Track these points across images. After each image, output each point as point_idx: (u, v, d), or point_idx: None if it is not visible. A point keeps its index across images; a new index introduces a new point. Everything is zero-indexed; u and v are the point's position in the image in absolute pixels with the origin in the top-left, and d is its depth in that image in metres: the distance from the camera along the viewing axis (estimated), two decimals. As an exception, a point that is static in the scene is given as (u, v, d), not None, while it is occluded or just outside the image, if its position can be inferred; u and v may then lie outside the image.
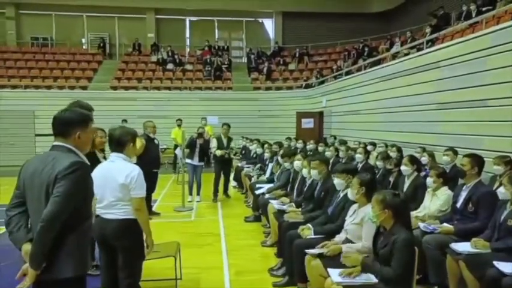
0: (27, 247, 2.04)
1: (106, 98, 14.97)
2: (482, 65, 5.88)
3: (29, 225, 2.15)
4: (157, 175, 7.15)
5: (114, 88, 15.83)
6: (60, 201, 1.99)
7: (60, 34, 19.10)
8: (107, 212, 2.97)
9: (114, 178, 2.91)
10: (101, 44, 18.48)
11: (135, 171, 2.93)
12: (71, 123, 2.17)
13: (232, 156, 8.56)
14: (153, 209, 7.44)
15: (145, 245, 3.03)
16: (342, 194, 3.98)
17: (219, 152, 8.36)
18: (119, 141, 3.00)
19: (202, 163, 8.40)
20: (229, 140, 8.65)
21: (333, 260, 3.19)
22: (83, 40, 19.40)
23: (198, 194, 8.43)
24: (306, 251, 3.41)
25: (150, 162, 6.71)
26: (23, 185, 2.17)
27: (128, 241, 2.94)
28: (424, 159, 6.13)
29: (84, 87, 15.81)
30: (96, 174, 2.93)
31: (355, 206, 3.57)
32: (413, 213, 4.42)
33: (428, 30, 9.92)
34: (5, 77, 15.84)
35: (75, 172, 2.03)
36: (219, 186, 8.58)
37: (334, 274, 2.96)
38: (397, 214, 2.83)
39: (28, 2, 18.10)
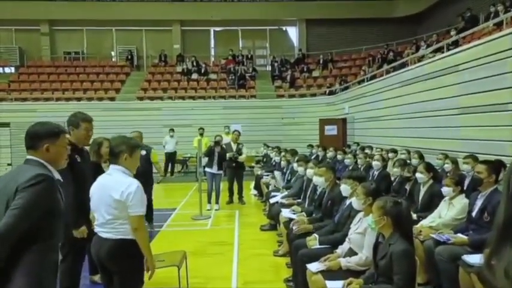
0: None
1: (132, 108, 15.42)
2: (502, 67, 5.60)
3: None
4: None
5: (141, 98, 16.25)
6: (17, 213, 1.84)
7: (91, 48, 19.88)
8: (102, 231, 2.72)
9: (109, 193, 2.64)
10: (129, 56, 19.07)
11: (133, 186, 2.63)
12: (37, 136, 2.09)
13: (239, 159, 8.64)
14: (172, 217, 7.52)
15: (145, 268, 2.74)
16: (348, 202, 3.87)
17: (227, 156, 8.58)
18: (113, 152, 2.77)
19: (221, 171, 8.49)
20: (238, 145, 8.82)
21: (333, 273, 3.10)
22: (112, 53, 20.09)
23: (216, 202, 8.49)
24: (307, 265, 3.32)
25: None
26: None
27: (123, 264, 2.66)
28: (448, 166, 5.86)
29: (112, 98, 16.31)
30: (94, 188, 2.81)
31: (360, 214, 3.46)
32: (425, 223, 4.24)
33: (453, 33, 9.59)
34: (38, 90, 16.61)
35: (37, 185, 1.90)
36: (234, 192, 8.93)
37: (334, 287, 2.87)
38: (396, 223, 2.72)
39: (61, 19, 18.97)
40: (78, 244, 3.43)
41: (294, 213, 5.10)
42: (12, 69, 18.46)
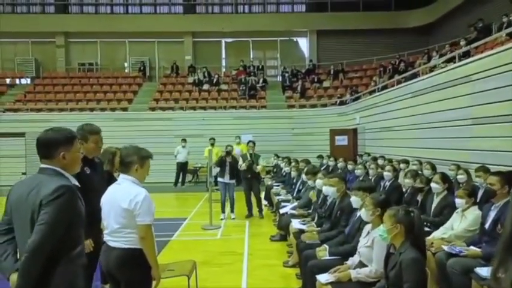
0: (14, 277, 1.93)
1: (144, 118, 15.62)
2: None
3: (18, 254, 2.05)
4: None
5: (153, 109, 16.44)
6: (45, 229, 1.88)
7: (105, 59, 20.26)
8: (111, 239, 2.75)
9: (118, 203, 2.69)
10: (141, 68, 19.35)
11: (141, 195, 2.67)
12: (53, 144, 2.06)
13: (256, 169, 8.51)
14: (182, 226, 7.54)
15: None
16: (358, 214, 3.85)
17: (243, 166, 8.41)
18: (123, 162, 2.79)
19: (233, 181, 8.50)
20: (256, 156, 8.68)
21: (342, 284, 3.08)
22: (125, 64, 20.42)
23: (232, 211, 8.52)
24: (317, 276, 3.30)
25: None
26: (11, 211, 2.06)
27: (131, 273, 2.69)
28: (463, 177, 5.75)
29: (124, 109, 16.54)
30: (104, 198, 2.85)
31: (368, 227, 3.43)
32: (437, 235, 4.19)
33: (463, 43, 9.54)
34: (53, 101, 16.93)
35: (61, 197, 1.92)
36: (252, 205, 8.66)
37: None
38: (408, 231, 2.70)
39: (76, 31, 19.40)
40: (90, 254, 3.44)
41: (304, 224, 5.09)
42: (28, 81, 18.89)
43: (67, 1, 20.57)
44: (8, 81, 18.68)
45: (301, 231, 4.79)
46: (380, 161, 8.55)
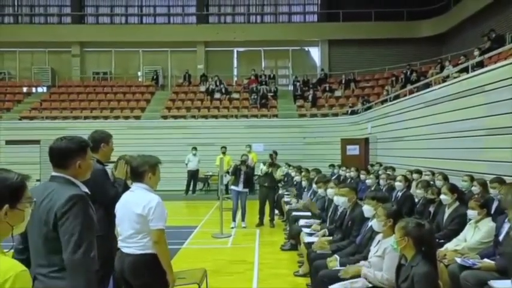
0: None
1: (156, 126, 15.78)
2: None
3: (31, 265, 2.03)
4: None
5: (165, 117, 16.62)
6: (77, 239, 1.92)
7: (119, 68, 20.62)
8: (125, 246, 2.81)
9: (132, 209, 2.77)
10: (154, 76, 19.60)
11: (154, 201, 2.75)
12: (69, 154, 2.08)
13: (275, 174, 8.58)
14: (193, 234, 7.56)
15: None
16: (370, 223, 3.84)
17: (264, 169, 8.62)
18: (136, 172, 2.86)
19: (246, 189, 8.54)
20: (276, 167, 8.83)
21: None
22: (139, 73, 20.71)
23: (243, 220, 8.53)
24: (328, 287, 3.29)
25: None
26: None
27: (145, 279, 2.73)
28: (475, 189, 5.68)
29: (137, 117, 16.76)
30: (119, 205, 2.92)
31: (379, 237, 3.42)
32: (450, 246, 4.14)
33: (476, 53, 9.48)
34: (68, 109, 17.25)
35: (74, 207, 1.96)
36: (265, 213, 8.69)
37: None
38: (418, 244, 2.68)
39: (91, 41, 19.80)
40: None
41: (314, 233, 5.07)
42: (44, 89, 19.31)
43: (83, 12, 21.05)
44: (24, 89, 19.13)
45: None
46: (389, 172, 8.50)
